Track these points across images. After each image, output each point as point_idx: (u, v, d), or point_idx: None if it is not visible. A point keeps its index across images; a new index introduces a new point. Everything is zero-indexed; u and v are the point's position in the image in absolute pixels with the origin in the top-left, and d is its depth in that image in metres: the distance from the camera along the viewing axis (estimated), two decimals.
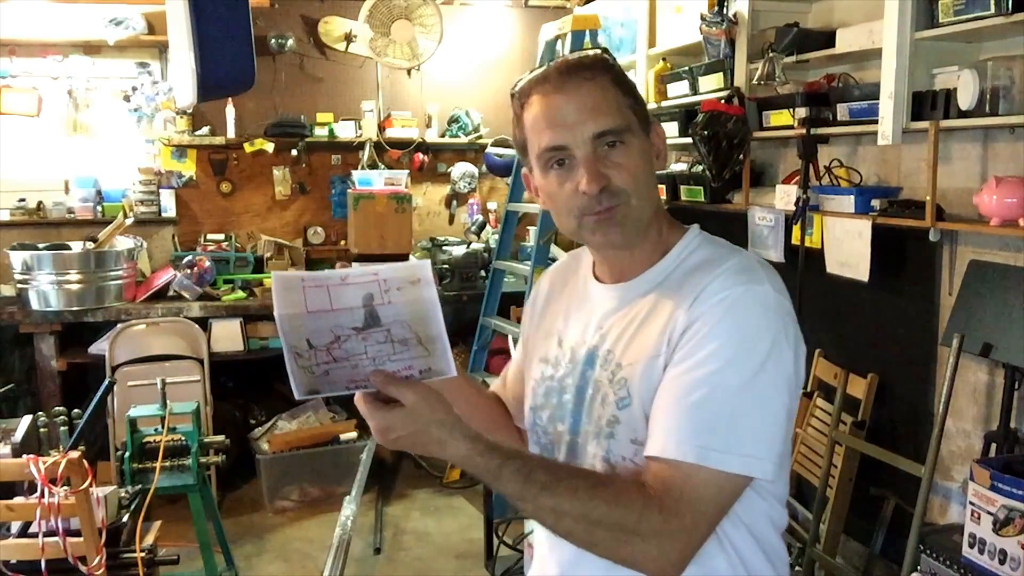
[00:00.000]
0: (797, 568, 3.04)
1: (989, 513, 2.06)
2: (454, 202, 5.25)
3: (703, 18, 3.32)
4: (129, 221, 4.34)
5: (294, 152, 4.79)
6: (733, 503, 1.03)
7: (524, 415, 1.29)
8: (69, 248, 4.20)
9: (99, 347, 4.07)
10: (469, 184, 5.16)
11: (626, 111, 1.11)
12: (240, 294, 4.43)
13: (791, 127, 2.96)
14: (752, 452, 1.00)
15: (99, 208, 4.57)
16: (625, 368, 1.10)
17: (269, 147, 4.67)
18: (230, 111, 4.64)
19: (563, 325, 1.24)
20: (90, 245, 4.18)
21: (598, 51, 1.17)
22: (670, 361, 1.05)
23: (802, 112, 2.86)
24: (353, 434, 4.26)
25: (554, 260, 4.71)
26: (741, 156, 3.26)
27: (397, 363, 1.01)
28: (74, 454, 2.03)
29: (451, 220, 5.27)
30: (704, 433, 0.99)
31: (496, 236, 4.60)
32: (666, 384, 1.04)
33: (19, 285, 4.10)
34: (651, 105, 3.91)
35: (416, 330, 0.99)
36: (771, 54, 2.99)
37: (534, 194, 1.21)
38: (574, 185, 1.10)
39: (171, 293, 4.37)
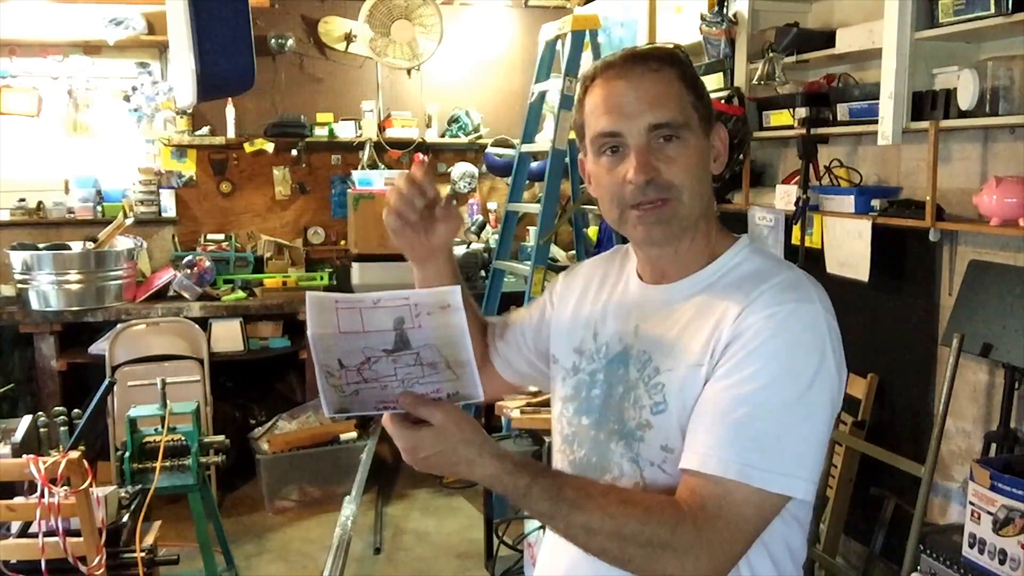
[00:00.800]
0: None
1: (989, 513, 2.06)
2: (454, 202, 5.21)
3: (703, 18, 3.32)
4: (129, 221, 4.34)
5: (294, 152, 4.79)
6: (770, 522, 1.01)
7: (551, 408, 1.28)
8: (69, 248, 4.20)
9: (99, 347, 4.07)
10: (469, 184, 5.16)
11: (688, 108, 1.10)
12: (240, 294, 4.43)
13: (791, 127, 2.96)
14: (794, 472, 0.99)
15: (99, 208, 4.57)
16: (663, 374, 1.08)
17: (269, 147, 4.67)
18: (230, 111, 4.64)
19: (600, 318, 1.21)
20: (90, 245, 4.18)
21: (672, 45, 1.15)
22: (712, 373, 1.03)
23: (802, 112, 2.86)
24: (353, 434, 4.26)
25: (554, 260, 4.73)
26: (741, 156, 3.26)
27: (426, 386, 1.02)
28: (74, 454, 2.03)
29: None
30: (748, 451, 0.98)
31: (496, 236, 4.60)
32: (708, 397, 1.02)
33: (19, 285, 4.10)
34: None
35: (445, 354, 1.01)
36: (771, 54, 2.99)
37: (587, 180, 1.19)
38: (622, 174, 1.09)
39: (171, 293, 4.37)
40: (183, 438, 2.84)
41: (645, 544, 0.97)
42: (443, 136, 5.05)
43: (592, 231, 4.58)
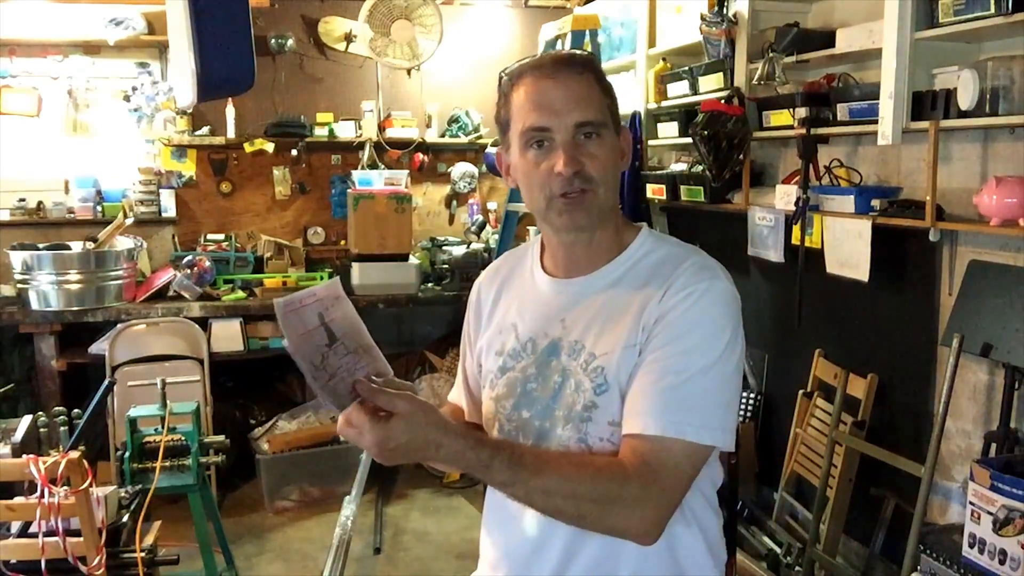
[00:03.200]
0: (797, 568, 3.04)
1: (989, 513, 2.06)
2: (454, 202, 5.25)
3: (703, 18, 3.32)
4: (129, 221, 4.34)
5: (294, 152, 4.79)
6: (700, 469, 1.16)
7: (483, 410, 1.35)
8: (69, 248, 4.20)
9: (99, 347, 4.07)
10: (469, 184, 5.17)
11: (605, 109, 1.22)
12: (240, 294, 4.43)
13: (791, 127, 2.96)
14: (719, 426, 1.14)
15: (99, 208, 4.57)
16: (600, 358, 1.20)
17: (269, 147, 4.67)
18: (230, 111, 4.64)
19: (517, 319, 1.32)
20: (90, 245, 4.18)
21: (586, 52, 1.30)
22: (644, 348, 1.17)
23: (802, 112, 2.86)
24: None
25: None
26: (741, 156, 3.26)
27: (361, 371, 1.12)
28: (74, 454, 2.03)
29: (451, 220, 5.27)
30: (680, 411, 1.12)
31: (496, 236, 4.61)
32: (642, 370, 1.16)
33: (19, 285, 4.10)
34: (651, 105, 3.92)
35: (357, 340, 1.14)
36: (771, 54, 2.99)
37: (504, 172, 1.31)
38: (550, 166, 1.20)
39: (171, 293, 4.37)
40: (183, 438, 2.84)
41: (597, 500, 1.08)
42: (443, 136, 5.05)
43: None
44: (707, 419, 1.13)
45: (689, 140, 3.42)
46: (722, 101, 3.25)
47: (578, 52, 1.28)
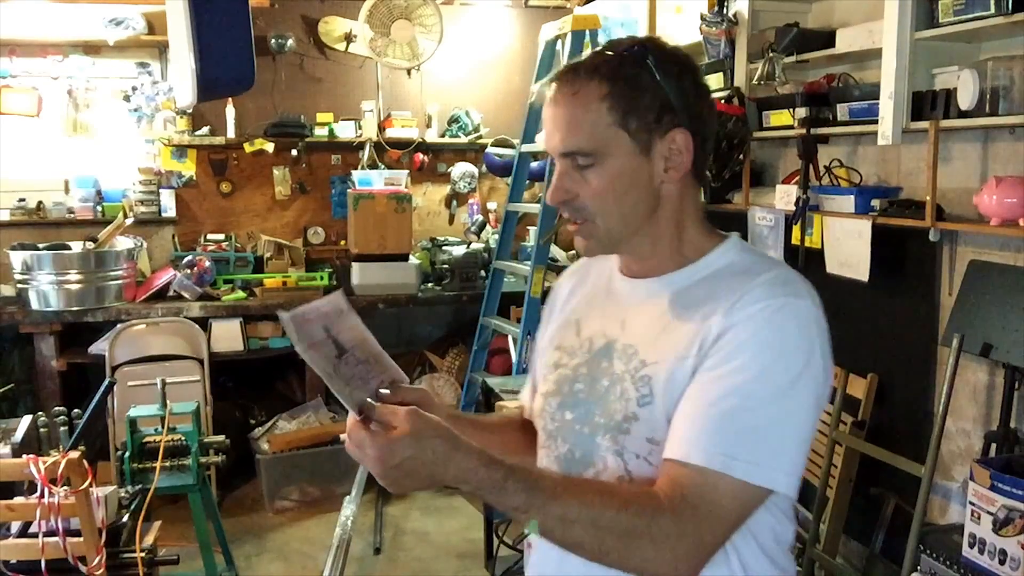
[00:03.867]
0: (797, 568, 3.04)
1: (989, 513, 2.06)
2: (454, 202, 5.25)
3: (703, 18, 3.32)
4: (129, 221, 4.34)
5: (294, 152, 4.79)
6: (751, 514, 1.01)
7: (535, 404, 1.27)
8: (69, 248, 4.20)
9: (99, 347, 4.07)
10: (469, 184, 5.16)
11: (606, 130, 1.07)
12: (240, 294, 4.43)
13: (791, 127, 2.96)
14: (776, 465, 0.99)
15: (99, 208, 4.57)
16: (649, 366, 1.07)
17: (269, 147, 4.67)
18: (230, 111, 4.64)
19: (584, 314, 1.22)
20: (90, 245, 4.18)
21: (607, 53, 1.10)
22: (700, 366, 1.02)
23: (802, 112, 2.86)
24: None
25: (554, 260, 4.73)
26: (741, 156, 3.25)
27: (375, 380, 1.10)
28: (74, 454, 2.03)
29: (451, 220, 5.27)
30: (731, 442, 0.98)
31: (496, 236, 4.61)
32: (695, 389, 1.02)
33: (19, 285, 4.10)
34: None
35: (366, 351, 1.11)
36: (771, 54, 2.99)
37: None
38: None
39: (171, 293, 4.37)
40: (183, 438, 2.84)
41: (622, 534, 0.96)
42: (443, 136, 5.05)
43: None
44: (764, 456, 0.98)
45: None
46: (722, 101, 3.25)
47: (584, 59, 1.12)
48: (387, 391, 1.10)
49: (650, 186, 1.10)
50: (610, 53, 1.10)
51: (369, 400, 1.03)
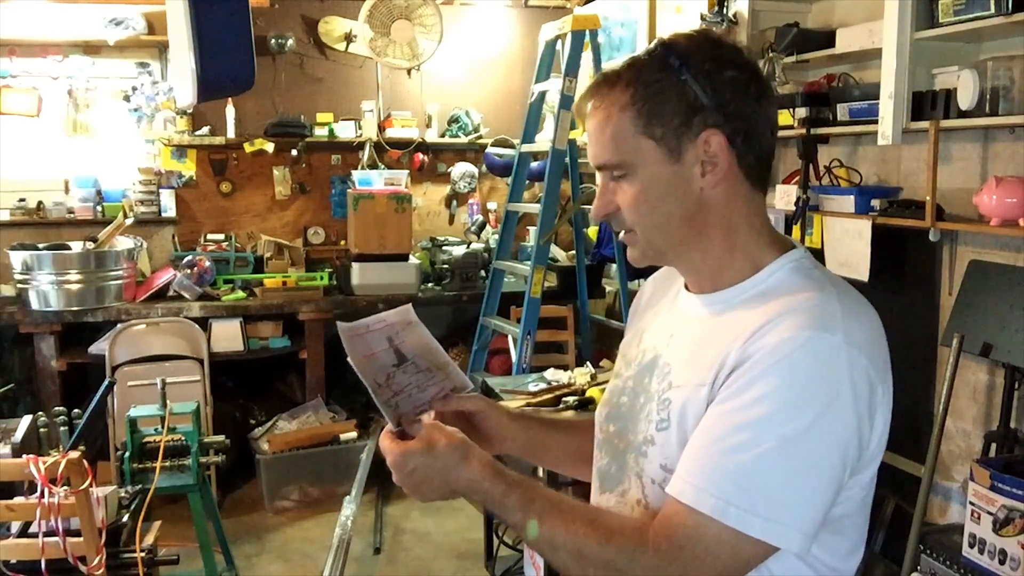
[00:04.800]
0: None
1: (989, 513, 2.06)
2: (454, 202, 5.25)
3: (703, 18, 3.32)
4: (129, 221, 4.33)
5: (294, 152, 4.79)
6: (752, 568, 0.93)
7: None
8: (69, 248, 4.20)
9: (99, 347, 4.07)
10: (469, 184, 5.16)
11: (632, 140, 1.01)
12: (240, 294, 4.43)
13: (791, 127, 2.96)
14: (779, 519, 0.89)
15: (99, 208, 4.57)
16: (673, 389, 1.02)
17: (269, 147, 4.67)
18: (230, 111, 4.64)
19: (649, 325, 1.17)
20: (90, 245, 4.18)
21: (625, 64, 1.04)
22: (714, 398, 0.95)
23: (802, 112, 2.86)
24: (353, 434, 4.26)
25: (554, 260, 4.73)
26: None
27: (434, 386, 1.15)
28: (74, 454, 2.03)
29: (451, 220, 5.27)
30: (728, 485, 0.90)
31: (496, 236, 4.61)
32: (705, 423, 0.95)
33: (19, 285, 4.10)
34: None
35: (430, 360, 1.16)
36: (771, 54, 2.99)
37: None
38: None
39: (171, 293, 4.37)
40: (183, 438, 2.84)
41: (603, 567, 0.94)
42: (443, 136, 5.05)
43: (592, 231, 4.58)
44: (767, 506, 0.88)
45: None
46: None
47: (609, 70, 1.05)
48: (443, 400, 1.16)
49: (688, 193, 1.01)
50: (639, 56, 1.04)
51: (406, 414, 1.10)
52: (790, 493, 0.90)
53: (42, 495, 1.99)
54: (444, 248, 4.79)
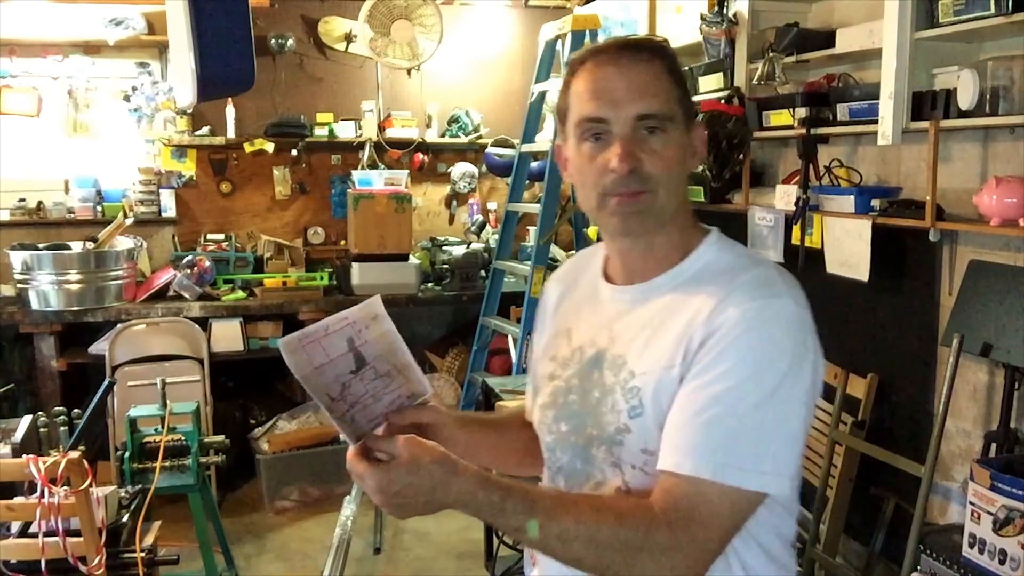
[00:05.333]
0: (797, 568, 3.04)
1: (989, 513, 2.06)
2: (454, 202, 5.25)
3: (703, 18, 3.31)
4: (129, 221, 4.34)
5: (294, 152, 4.79)
6: (747, 519, 1.01)
7: (534, 418, 1.27)
8: (69, 248, 4.20)
9: (99, 347, 4.07)
10: (469, 184, 5.16)
11: (673, 102, 1.09)
12: (240, 294, 4.43)
13: (791, 127, 2.96)
14: (770, 469, 0.99)
15: (99, 208, 4.57)
16: (638, 377, 1.07)
17: (269, 147, 4.67)
18: (230, 111, 4.64)
19: (574, 324, 1.21)
20: (90, 245, 4.18)
21: (661, 38, 1.15)
22: (686, 374, 1.02)
23: (802, 112, 2.86)
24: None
25: (555, 260, 4.73)
26: (741, 156, 3.26)
27: (391, 395, 1.09)
28: (74, 454, 2.03)
29: (451, 220, 5.27)
30: (722, 450, 0.98)
31: (496, 236, 4.61)
32: (683, 399, 1.02)
33: (19, 285, 4.10)
34: None
35: (392, 362, 1.09)
36: (771, 54, 2.99)
37: (562, 167, 1.19)
38: (605, 161, 1.07)
39: (171, 293, 4.37)
40: (183, 438, 2.84)
41: (620, 548, 0.96)
42: (443, 136, 5.05)
43: (592, 231, 4.58)
44: (755, 461, 0.98)
45: None
46: (722, 101, 3.25)
47: (650, 37, 1.14)
48: (397, 411, 1.11)
49: (686, 168, 1.12)
50: (655, 37, 1.14)
51: (373, 435, 1.05)
52: (773, 445, 0.99)
53: (42, 495, 1.99)
54: (444, 248, 4.80)
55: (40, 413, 2.55)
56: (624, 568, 0.97)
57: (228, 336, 4.22)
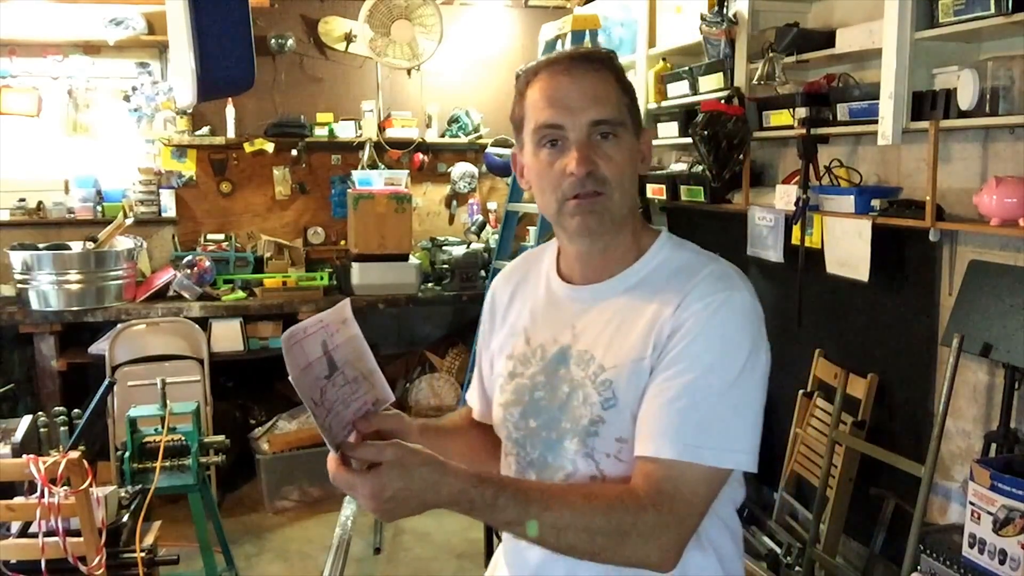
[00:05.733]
0: (797, 568, 3.04)
1: (989, 513, 2.06)
2: (454, 202, 5.25)
3: (703, 18, 3.31)
4: (129, 221, 4.34)
5: (294, 152, 4.79)
6: (719, 493, 1.10)
7: (493, 416, 1.30)
8: (69, 248, 4.20)
9: (99, 347, 4.07)
10: (469, 184, 5.17)
11: (623, 109, 1.17)
12: (240, 294, 4.43)
13: (791, 127, 2.96)
14: (739, 448, 1.08)
15: (99, 208, 4.57)
16: (609, 370, 1.14)
17: (269, 147, 4.67)
18: (230, 111, 4.64)
19: (530, 323, 1.27)
20: (90, 245, 4.18)
21: (606, 49, 1.22)
22: (657, 364, 1.10)
23: (802, 112, 2.86)
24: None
25: None
26: (741, 156, 3.25)
27: (358, 401, 1.11)
28: (74, 454, 2.03)
29: (451, 220, 5.27)
30: (696, 434, 1.06)
31: (496, 236, 4.61)
32: (655, 388, 1.09)
33: (19, 285, 4.10)
34: (651, 105, 3.92)
35: (359, 367, 1.12)
36: (771, 54, 2.99)
37: (519, 174, 1.26)
38: (563, 165, 1.14)
39: (171, 293, 4.37)
40: (183, 438, 2.84)
41: (612, 533, 1.03)
42: (443, 136, 5.05)
43: None
44: (727, 441, 1.07)
45: (689, 140, 3.42)
46: (722, 101, 3.25)
47: (597, 48, 1.24)
48: (364, 418, 1.12)
49: (636, 171, 1.19)
50: (602, 49, 1.22)
51: (348, 442, 1.05)
52: (740, 425, 1.08)
53: (42, 495, 1.99)
54: (444, 248, 4.80)
55: (40, 413, 2.55)
56: (616, 551, 1.04)
57: (228, 336, 4.22)
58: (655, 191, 3.88)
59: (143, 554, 2.23)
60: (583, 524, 1.02)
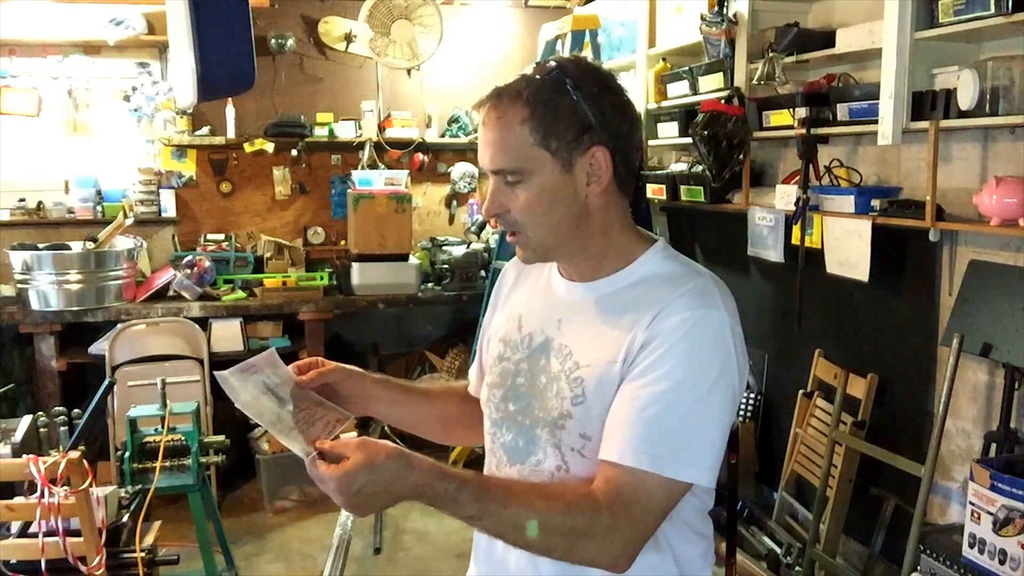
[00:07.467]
0: (797, 568, 3.04)
1: (989, 513, 2.06)
2: (454, 202, 5.25)
3: (703, 18, 3.32)
4: (129, 221, 4.33)
5: (294, 152, 4.79)
6: (676, 503, 1.13)
7: (480, 392, 1.36)
8: (69, 248, 4.20)
9: (99, 347, 4.07)
10: (469, 184, 5.16)
11: (530, 150, 1.15)
12: (240, 294, 4.43)
13: (791, 127, 2.96)
14: (699, 463, 1.10)
15: (99, 208, 4.57)
16: (582, 368, 1.17)
17: (269, 147, 4.67)
18: (230, 111, 4.64)
19: (525, 311, 1.31)
20: (90, 245, 4.18)
21: (522, 80, 1.19)
22: (628, 371, 1.13)
23: (802, 112, 2.86)
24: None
25: None
26: (741, 156, 3.26)
27: (321, 421, 1.17)
28: (74, 454, 2.03)
29: (451, 220, 5.27)
30: (659, 444, 1.08)
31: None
32: (625, 395, 1.12)
33: (19, 285, 4.10)
34: (651, 105, 3.92)
35: (308, 398, 1.20)
36: (771, 54, 2.99)
37: None
38: None
39: (171, 293, 4.37)
40: (183, 438, 2.84)
41: (567, 533, 1.06)
42: (443, 136, 5.05)
43: None
44: (688, 456, 1.09)
45: (689, 140, 3.42)
46: (722, 101, 3.25)
47: (514, 82, 1.19)
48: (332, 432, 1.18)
49: (575, 200, 1.18)
50: (535, 77, 1.18)
51: (317, 442, 1.09)
52: (703, 442, 1.11)
53: (42, 495, 1.99)
54: (444, 248, 4.80)
55: (40, 413, 2.55)
56: (570, 551, 1.08)
57: (228, 336, 4.22)
58: (655, 191, 3.88)
59: (143, 554, 2.23)
60: (540, 523, 1.05)
